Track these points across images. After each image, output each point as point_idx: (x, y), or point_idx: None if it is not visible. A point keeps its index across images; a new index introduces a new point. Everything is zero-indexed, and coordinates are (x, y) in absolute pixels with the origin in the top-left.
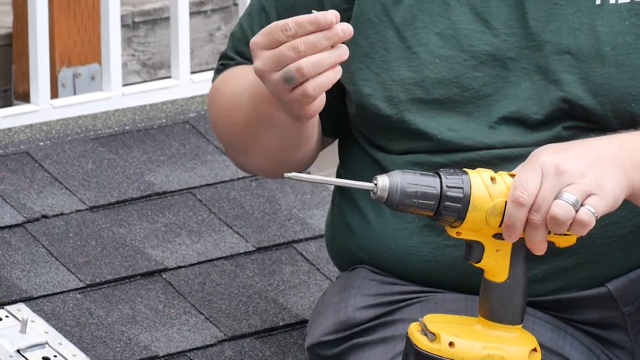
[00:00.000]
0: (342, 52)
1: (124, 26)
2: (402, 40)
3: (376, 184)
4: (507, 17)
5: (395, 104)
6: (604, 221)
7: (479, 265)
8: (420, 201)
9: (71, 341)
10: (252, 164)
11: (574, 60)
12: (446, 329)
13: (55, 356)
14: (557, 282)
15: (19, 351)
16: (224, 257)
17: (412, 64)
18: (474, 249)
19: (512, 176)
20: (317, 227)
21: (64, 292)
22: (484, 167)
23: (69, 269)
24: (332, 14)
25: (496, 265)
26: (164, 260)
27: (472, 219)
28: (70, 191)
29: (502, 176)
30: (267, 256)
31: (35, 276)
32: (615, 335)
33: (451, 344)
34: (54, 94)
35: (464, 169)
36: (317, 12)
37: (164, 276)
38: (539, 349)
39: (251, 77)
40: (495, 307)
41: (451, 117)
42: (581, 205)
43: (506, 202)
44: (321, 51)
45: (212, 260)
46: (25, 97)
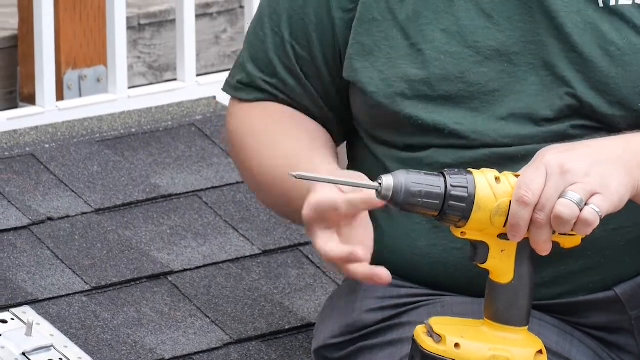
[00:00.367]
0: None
1: (130, 28)
2: (407, 37)
3: (381, 184)
4: (512, 13)
5: (401, 101)
6: (612, 225)
7: (484, 266)
8: (424, 200)
9: (77, 344)
10: (264, 203)
11: (580, 59)
12: (452, 330)
13: (60, 359)
14: (564, 286)
15: (24, 354)
16: (229, 260)
17: (418, 61)
18: (478, 249)
19: (517, 176)
20: None
21: (70, 294)
22: (490, 167)
23: (74, 272)
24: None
25: (501, 265)
26: (169, 263)
27: (477, 218)
28: (75, 193)
29: (507, 176)
30: (273, 259)
31: (40, 279)
32: (622, 339)
33: (457, 346)
34: (60, 96)
35: (469, 169)
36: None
37: (170, 279)
38: (544, 351)
39: (282, 161)
40: (500, 309)
41: (458, 112)
42: (585, 204)
43: (511, 201)
44: None
45: (217, 263)
46: (30, 99)
